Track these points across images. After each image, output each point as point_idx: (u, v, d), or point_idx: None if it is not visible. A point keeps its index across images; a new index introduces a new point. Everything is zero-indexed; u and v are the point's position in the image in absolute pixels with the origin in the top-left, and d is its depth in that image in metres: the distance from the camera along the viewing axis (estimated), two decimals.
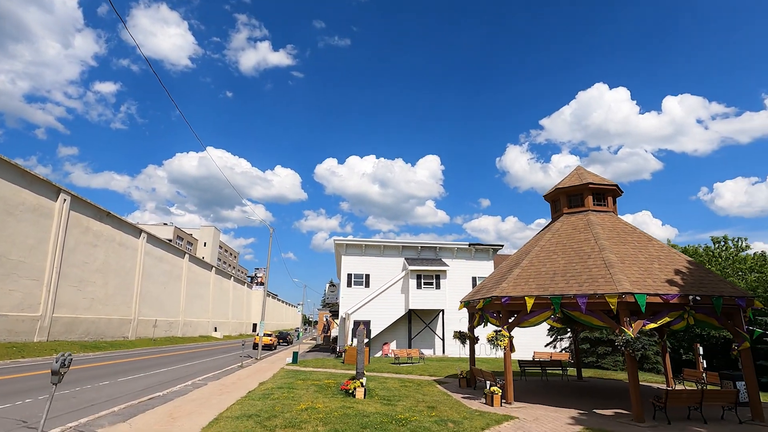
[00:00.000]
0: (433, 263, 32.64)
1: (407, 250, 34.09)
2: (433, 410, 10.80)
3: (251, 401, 11.30)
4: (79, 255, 34.01)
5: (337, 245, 33.74)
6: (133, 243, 42.94)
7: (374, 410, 10.42)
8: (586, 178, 15.29)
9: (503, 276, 14.18)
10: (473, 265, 34.42)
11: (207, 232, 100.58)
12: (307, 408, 10.34)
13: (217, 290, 71.56)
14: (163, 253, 50.25)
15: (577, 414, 11.18)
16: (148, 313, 45.50)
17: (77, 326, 33.31)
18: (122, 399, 12.28)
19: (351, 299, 32.12)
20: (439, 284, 31.61)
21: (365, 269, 33.35)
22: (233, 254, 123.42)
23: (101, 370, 18.76)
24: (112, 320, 38.44)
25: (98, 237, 36.77)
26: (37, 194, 29.49)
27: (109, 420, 9.45)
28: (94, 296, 35.78)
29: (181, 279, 55.95)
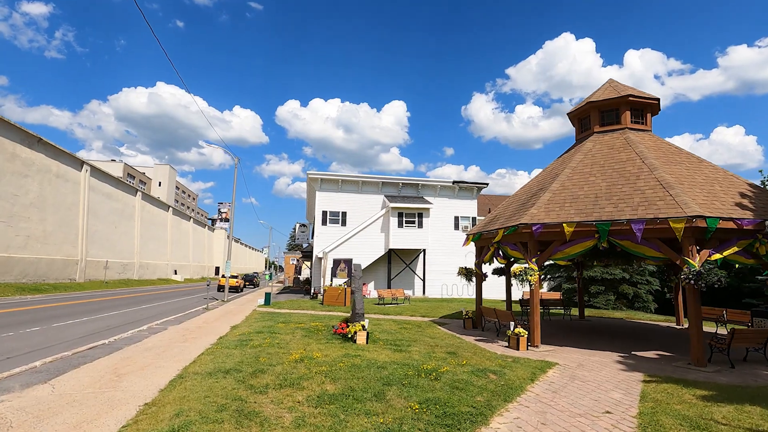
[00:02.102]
0: (416, 201, 30.42)
1: (387, 186, 31.53)
2: (455, 357, 8.81)
3: (226, 350, 8.82)
4: (6, 186, 29.04)
5: (310, 179, 30.61)
6: (74, 176, 37.70)
7: (387, 358, 8.27)
8: (624, 90, 12.93)
9: (525, 203, 11.99)
10: (456, 204, 32.55)
11: (162, 171, 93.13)
12: (302, 358, 8.01)
13: (176, 231, 67.10)
14: (111, 189, 45.08)
15: (619, 357, 9.58)
16: (98, 253, 41.31)
17: (12, 267, 29.15)
18: (52, 349, 9.48)
19: (326, 238, 29.70)
20: (421, 223, 29.63)
21: (342, 206, 30.70)
22: (192, 196, 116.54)
23: (34, 314, 15.62)
24: (55, 261, 34.27)
25: (29, 166, 31.54)
26: None
27: (24, 380, 6.72)
28: (29, 233, 31.28)
29: (134, 218, 51.23)
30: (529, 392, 6.58)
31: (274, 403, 5.49)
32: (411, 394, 5.99)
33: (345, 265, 23.42)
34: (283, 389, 6.08)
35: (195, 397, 5.64)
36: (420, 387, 6.37)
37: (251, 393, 5.86)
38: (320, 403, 5.51)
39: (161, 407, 5.31)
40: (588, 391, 6.77)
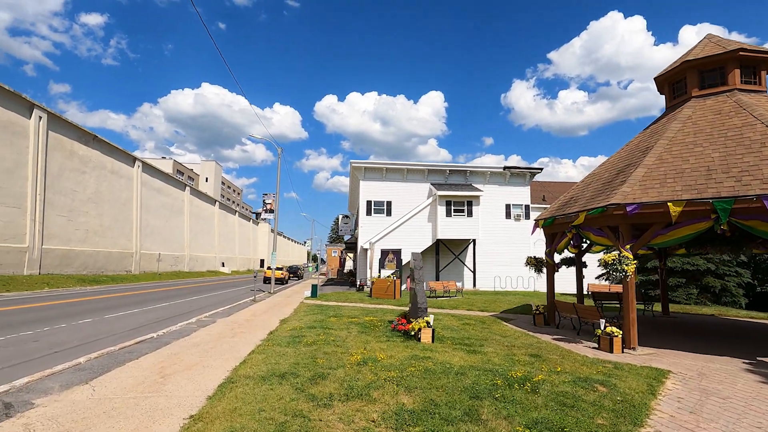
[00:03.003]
0: (464, 188, 28.77)
1: (433, 174, 30.06)
2: (542, 361, 7.43)
3: (278, 348, 7.93)
4: (66, 182, 30.28)
5: (354, 168, 29.69)
6: (127, 171, 39.05)
7: (462, 362, 7.04)
8: (730, 45, 10.80)
9: (611, 181, 10.27)
10: (507, 191, 30.55)
11: (208, 167, 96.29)
12: (364, 360, 6.94)
13: (223, 225, 68.97)
14: (162, 184, 46.53)
15: (745, 365, 7.82)
16: (151, 246, 42.80)
17: (73, 259, 30.47)
18: (100, 343, 9.02)
19: (371, 229, 28.73)
20: (471, 211, 27.97)
21: (386, 195, 29.59)
22: (236, 191, 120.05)
23: (89, 305, 15.69)
24: (112, 254, 35.66)
25: (86, 163, 32.79)
26: (4, 108, 25.05)
27: (65, 380, 6.08)
28: (88, 227, 32.60)
29: (184, 212, 52.83)
30: (658, 412, 5.13)
31: (344, 422, 4.42)
32: (511, 413, 4.73)
33: (393, 256, 22.37)
34: (351, 401, 5.01)
35: (248, 410, 4.68)
36: (518, 402, 5.09)
37: (314, 406, 4.83)
38: (400, 424, 4.38)
39: (209, 423, 4.38)
40: (739, 413, 5.22)
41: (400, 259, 22.45)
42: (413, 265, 10.06)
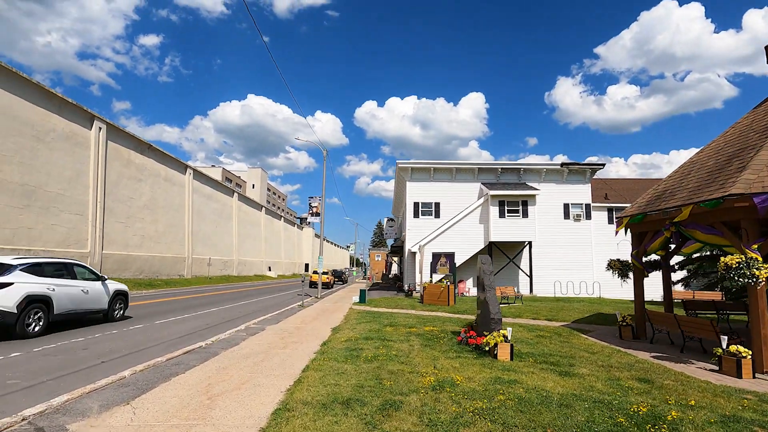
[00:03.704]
0: (518, 187, 26.95)
1: (484, 173, 28.46)
2: (657, 388, 5.98)
3: (335, 364, 6.98)
4: (124, 190, 31.52)
5: (400, 169, 28.70)
6: (179, 179, 40.37)
7: (558, 388, 5.75)
8: None
9: (722, 168, 8.54)
10: (565, 190, 28.36)
11: (254, 173, 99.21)
12: (439, 383, 5.82)
13: (269, 230, 70.33)
14: (211, 191, 47.90)
15: None
16: (202, 251, 44.00)
17: (130, 264, 31.61)
18: (148, 352, 8.51)
19: (418, 232, 27.57)
20: (526, 212, 26.12)
21: (434, 197, 28.35)
22: (281, 197, 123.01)
23: (142, 310, 15.67)
24: (166, 258, 36.83)
25: (141, 171, 34.07)
26: (68, 121, 26.31)
27: (107, 398, 5.42)
28: (144, 233, 33.81)
29: (232, 218, 54.17)
30: None
31: None
32: None
33: (446, 260, 21.12)
34: None
35: None
36: None
37: None
38: None
39: None
40: None
41: (453, 263, 21.15)
42: (483, 270, 8.83)
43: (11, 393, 5.72)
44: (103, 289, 12.30)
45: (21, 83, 22.73)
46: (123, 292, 13.33)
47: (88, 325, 11.44)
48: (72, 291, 10.85)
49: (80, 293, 11.14)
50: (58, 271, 10.92)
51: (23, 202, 22.72)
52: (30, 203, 23.15)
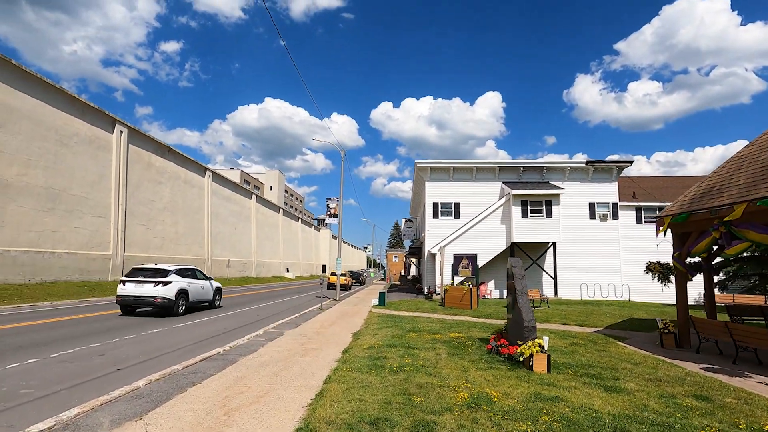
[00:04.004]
0: (541, 186, 26.11)
1: (505, 172, 27.70)
2: (718, 408, 5.34)
3: (359, 376, 6.54)
4: (145, 192, 31.90)
5: (419, 169, 28.18)
6: (199, 181, 40.75)
7: (606, 406, 5.18)
8: None
9: None
10: (591, 189, 27.37)
11: (272, 176, 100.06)
12: (474, 399, 5.31)
13: (286, 231, 70.65)
14: (230, 193, 48.26)
15: None
16: (221, 253, 44.32)
17: None
18: (165, 358, 8.24)
19: (438, 233, 27.01)
20: (550, 211, 25.26)
21: (454, 197, 27.74)
22: (299, 198, 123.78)
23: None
24: (186, 260, 37.12)
25: (162, 174, 34.45)
26: (91, 125, 26.71)
27: (119, 411, 5.11)
28: (164, 235, 34.16)
29: (251, 220, 54.50)
30: None
31: None
32: None
33: (468, 262, 20.52)
34: None
35: None
36: None
37: None
38: None
39: None
40: None
41: (475, 264, 20.50)
42: (514, 273, 8.27)
43: (23, 404, 5.48)
44: (210, 286, 17.26)
45: (44, 88, 23.12)
46: (219, 288, 18.24)
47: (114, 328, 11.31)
48: (196, 287, 15.94)
49: (200, 288, 16.25)
50: (189, 274, 15.90)
51: (48, 206, 23.08)
52: (54, 206, 23.51)
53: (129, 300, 14.00)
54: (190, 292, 15.25)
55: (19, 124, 21.54)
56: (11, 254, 20.71)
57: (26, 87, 21.93)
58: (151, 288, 13.89)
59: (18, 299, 17.92)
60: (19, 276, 21.09)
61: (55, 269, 23.23)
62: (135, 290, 13.94)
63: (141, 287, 13.95)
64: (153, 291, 13.86)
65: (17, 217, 21.17)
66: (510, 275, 8.54)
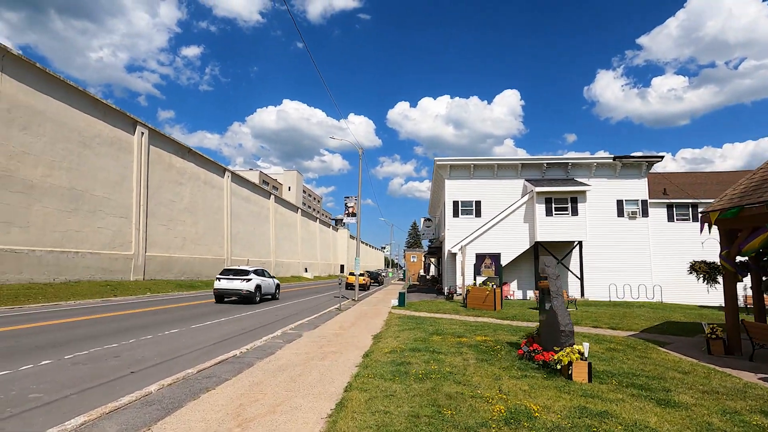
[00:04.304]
0: (566, 183, 25.16)
1: (528, 169, 26.83)
2: None
3: (382, 383, 6.07)
4: (165, 193, 32.22)
5: (438, 167, 27.57)
6: (218, 182, 41.05)
7: (663, 424, 4.58)
8: None
9: None
10: (619, 185, 26.25)
11: (290, 176, 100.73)
12: (512, 413, 4.78)
13: (305, 231, 70.88)
14: (249, 193, 48.55)
15: None
16: (241, 253, 44.57)
17: (172, 265, 32.25)
18: (181, 361, 7.96)
19: (458, 232, 26.35)
20: (575, 209, 24.30)
21: (475, 195, 27.03)
22: (317, 198, 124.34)
23: (180, 312, 15.46)
24: (206, 260, 37.45)
25: (182, 174, 34.77)
26: (112, 126, 27.06)
27: (127, 420, 4.78)
28: (185, 236, 34.46)
29: (269, 220, 54.77)
30: None
31: None
32: None
33: (491, 261, 19.80)
34: None
35: None
36: None
37: None
38: None
39: None
40: None
41: (498, 264, 19.81)
42: (547, 273, 7.67)
43: (30, 410, 5.21)
44: (273, 282, 22.49)
45: (67, 91, 23.47)
46: (278, 284, 23.59)
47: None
48: (265, 283, 21.01)
49: (267, 284, 21.26)
50: (261, 273, 21.22)
51: (71, 206, 23.42)
52: (78, 207, 23.85)
53: (222, 291, 19.35)
54: (263, 287, 20.47)
55: (43, 126, 21.90)
56: (36, 254, 21.04)
57: (50, 89, 22.29)
58: (238, 283, 19.09)
59: (43, 298, 18.14)
60: (45, 275, 21.43)
61: (79, 269, 23.55)
62: (227, 285, 19.19)
63: (231, 282, 19.19)
64: (240, 285, 19.04)
65: (42, 218, 21.51)
66: (543, 275, 7.94)
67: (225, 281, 19.27)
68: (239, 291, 19.00)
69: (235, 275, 19.47)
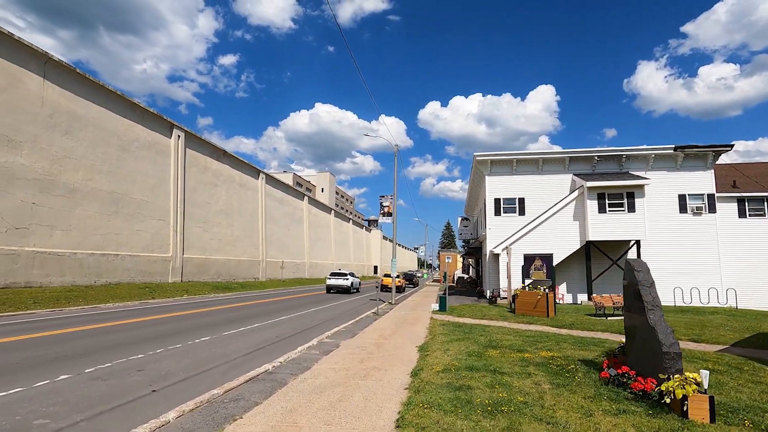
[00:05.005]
0: (621, 177, 23.04)
1: (577, 162, 24.85)
2: None
3: (442, 417, 4.92)
4: (201, 195, 32.40)
5: (477, 162, 26.05)
6: (253, 184, 41.15)
7: None
8: None
9: None
10: (681, 178, 23.81)
11: (323, 177, 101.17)
12: None
13: (338, 233, 70.63)
14: (283, 195, 48.58)
15: None
16: (275, 254, 44.58)
17: (208, 267, 32.38)
18: (208, 375, 7.13)
19: (500, 231, 24.73)
20: (632, 205, 22.16)
21: (518, 192, 25.33)
22: (349, 200, 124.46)
23: (214, 317, 14.91)
24: (242, 261, 37.53)
25: (217, 177, 34.95)
26: (150, 130, 27.34)
27: None
28: (221, 237, 34.59)
29: (303, 221, 54.70)
30: None
31: None
32: None
33: (542, 263, 18.22)
34: None
35: None
36: None
37: None
38: None
39: None
40: None
41: (551, 266, 18.15)
42: (639, 279, 6.27)
43: None
44: (357, 280, 33.65)
45: (106, 95, 23.76)
46: (360, 282, 34.17)
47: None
48: (355, 281, 32.51)
49: (355, 282, 32.69)
50: (351, 274, 32.45)
51: (111, 209, 23.68)
52: (117, 210, 24.11)
53: (332, 286, 30.31)
54: (353, 283, 31.64)
55: (84, 131, 22.21)
56: (78, 257, 21.31)
57: (89, 94, 22.59)
58: (342, 281, 30.27)
59: (83, 301, 18.19)
60: (86, 278, 21.69)
61: (119, 271, 23.78)
62: (335, 282, 30.35)
63: (337, 280, 30.38)
64: (342, 282, 30.21)
65: (83, 221, 21.78)
66: (631, 281, 6.54)
67: (332, 279, 30.65)
68: (341, 285, 29.96)
69: (338, 276, 30.89)
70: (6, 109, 18.47)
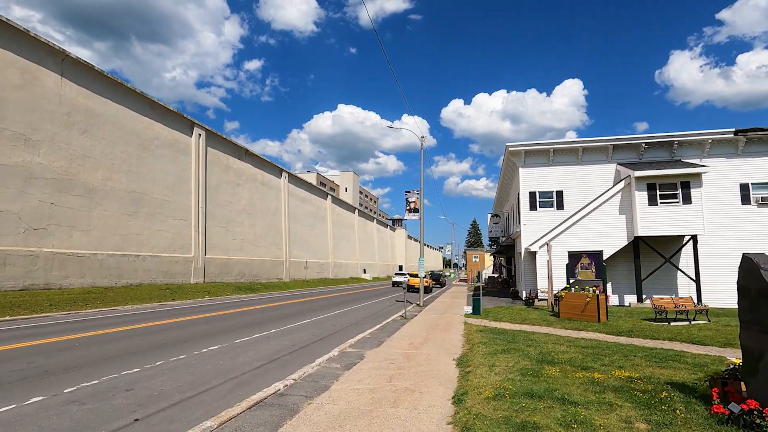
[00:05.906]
0: (674, 165, 20.76)
1: (621, 150, 22.66)
2: None
3: None
4: (223, 194, 31.81)
5: (510, 153, 24.20)
6: (275, 183, 40.47)
7: None
8: None
9: None
10: (743, 165, 21.31)
11: (347, 177, 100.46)
12: None
13: (362, 232, 69.58)
14: (306, 194, 47.79)
15: None
16: (299, 254, 43.81)
17: (231, 267, 31.75)
18: (210, 394, 5.90)
19: (536, 227, 22.85)
20: (687, 196, 19.86)
21: (555, 184, 23.36)
22: (373, 199, 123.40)
23: (230, 321, 13.86)
24: (265, 262, 36.85)
25: (240, 176, 34.34)
26: (170, 128, 26.82)
27: None
28: (243, 237, 33.96)
29: (327, 221, 53.83)
30: None
31: None
32: None
33: (590, 261, 16.34)
34: None
35: None
36: None
37: None
38: None
39: None
40: None
41: (601, 264, 16.24)
42: (765, 278, 4.62)
43: None
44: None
45: (125, 93, 23.27)
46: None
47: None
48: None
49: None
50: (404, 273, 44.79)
51: (131, 209, 23.19)
52: (137, 210, 23.61)
53: (396, 282, 42.41)
54: None
55: (102, 129, 21.74)
56: (98, 258, 20.84)
57: (107, 92, 22.12)
58: (402, 278, 40.42)
59: (101, 303, 17.58)
60: (106, 279, 21.21)
61: (140, 272, 23.27)
62: (398, 279, 42.77)
63: (400, 277, 42.39)
64: (403, 279, 39.52)
65: (103, 221, 21.31)
66: (753, 283, 4.89)
67: (397, 277, 42.99)
68: (402, 283, 38.32)
69: (401, 275, 42.44)
70: (23, 107, 18.08)
